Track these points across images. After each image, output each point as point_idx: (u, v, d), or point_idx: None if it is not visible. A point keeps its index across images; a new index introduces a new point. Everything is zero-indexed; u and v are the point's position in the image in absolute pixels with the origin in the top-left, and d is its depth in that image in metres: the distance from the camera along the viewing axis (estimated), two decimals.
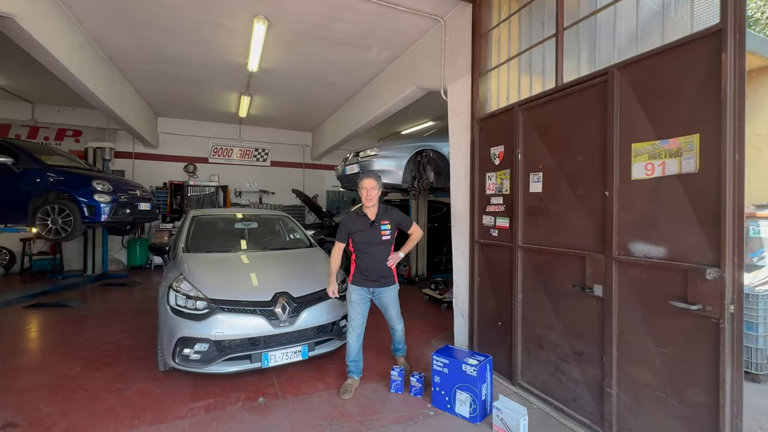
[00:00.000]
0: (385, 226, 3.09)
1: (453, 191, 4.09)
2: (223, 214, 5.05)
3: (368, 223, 3.07)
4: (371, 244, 3.08)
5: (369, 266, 3.08)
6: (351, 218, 3.12)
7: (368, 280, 3.11)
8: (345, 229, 3.12)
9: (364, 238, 3.07)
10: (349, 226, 3.10)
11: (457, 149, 4.01)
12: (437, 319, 5.28)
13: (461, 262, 3.95)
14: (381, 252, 3.11)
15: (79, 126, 8.98)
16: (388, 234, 3.11)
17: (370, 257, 3.08)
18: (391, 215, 3.16)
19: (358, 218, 3.10)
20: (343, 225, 3.13)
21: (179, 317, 3.08)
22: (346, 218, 3.14)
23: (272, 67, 5.94)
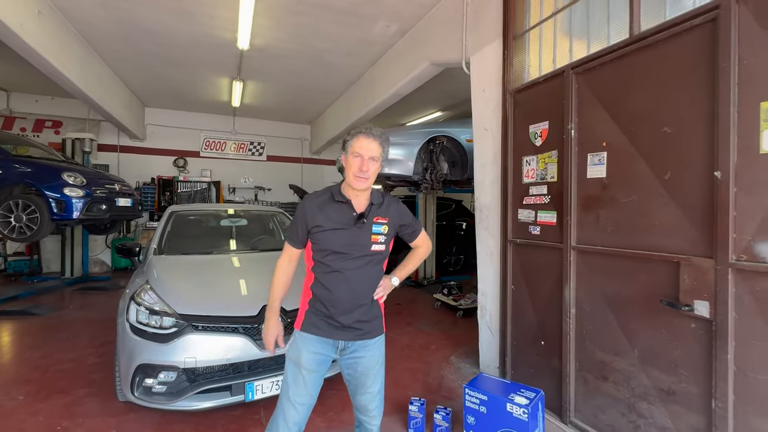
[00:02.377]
0: (379, 227, 1.66)
1: (478, 181, 3.43)
2: (207, 210, 4.38)
3: (351, 216, 1.63)
4: (350, 257, 1.62)
5: (340, 298, 1.62)
6: (317, 203, 1.65)
7: (335, 325, 1.64)
8: (303, 222, 1.64)
9: (338, 242, 1.61)
10: (312, 216, 1.63)
11: (483, 130, 3.35)
12: (453, 329, 4.62)
13: (488, 266, 3.29)
14: (366, 273, 1.66)
15: (59, 117, 8.30)
16: (383, 242, 1.67)
17: (344, 280, 1.61)
18: (393, 211, 1.73)
19: (331, 205, 1.65)
20: (300, 215, 1.66)
21: (140, 338, 2.42)
22: (309, 203, 1.66)
23: (265, 44, 5.27)
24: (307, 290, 1.70)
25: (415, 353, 3.85)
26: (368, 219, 1.65)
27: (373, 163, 1.60)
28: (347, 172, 1.61)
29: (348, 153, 1.62)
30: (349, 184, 1.62)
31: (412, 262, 1.92)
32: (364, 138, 1.60)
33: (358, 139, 1.61)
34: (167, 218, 3.79)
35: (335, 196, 1.65)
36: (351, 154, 1.61)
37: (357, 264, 1.63)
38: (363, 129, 1.62)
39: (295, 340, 1.70)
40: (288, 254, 1.74)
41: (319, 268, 1.65)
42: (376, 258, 1.68)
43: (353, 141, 1.62)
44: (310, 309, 1.68)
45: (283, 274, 1.75)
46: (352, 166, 1.59)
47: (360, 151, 1.58)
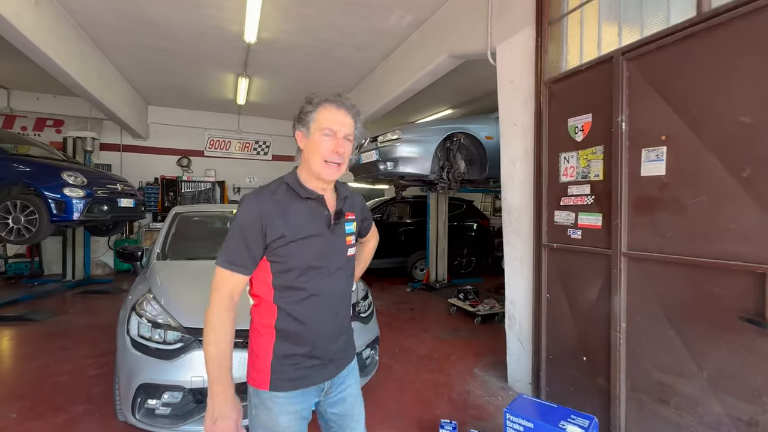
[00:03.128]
0: (351, 225, 1.33)
1: (505, 180, 3.18)
2: (213, 212, 4.15)
3: (323, 216, 1.23)
4: (328, 272, 1.23)
5: (321, 328, 1.23)
6: (273, 203, 1.17)
7: (316, 364, 1.23)
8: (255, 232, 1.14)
9: (312, 254, 1.20)
10: (271, 222, 1.15)
11: (511, 125, 3.10)
12: (473, 337, 4.37)
13: (518, 273, 3.04)
14: (345, 288, 1.30)
15: (60, 115, 8.11)
16: (353, 241, 1.34)
17: (324, 305, 1.22)
18: (357, 203, 1.40)
19: (294, 205, 1.20)
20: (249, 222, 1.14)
21: (141, 353, 2.18)
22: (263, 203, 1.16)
23: (273, 37, 5.03)
24: (268, 330, 1.20)
25: (435, 364, 3.60)
26: (343, 216, 1.27)
27: (348, 144, 1.20)
28: (311, 157, 1.17)
29: (310, 130, 1.17)
30: (316, 174, 1.18)
31: (366, 258, 1.62)
32: (334, 109, 1.17)
33: (327, 109, 1.17)
34: (171, 220, 3.56)
35: (299, 191, 1.19)
36: (318, 131, 1.16)
37: (336, 279, 1.23)
38: (331, 97, 1.18)
39: (264, 405, 1.19)
40: (229, 289, 1.13)
41: (287, 296, 1.17)
42: (351, 265, 1.31)
43: (319, 113, 1.17)
44: (277, 357, 1.18)
45: (226, 319, 1.14)
46: (321, 147, 1.15)
47: (332, 126, 1.16)
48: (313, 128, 1.17)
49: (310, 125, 1.17)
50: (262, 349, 1.21)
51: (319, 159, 1.16)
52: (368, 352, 2.77)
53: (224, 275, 1.13)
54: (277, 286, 1.17)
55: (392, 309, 5.57)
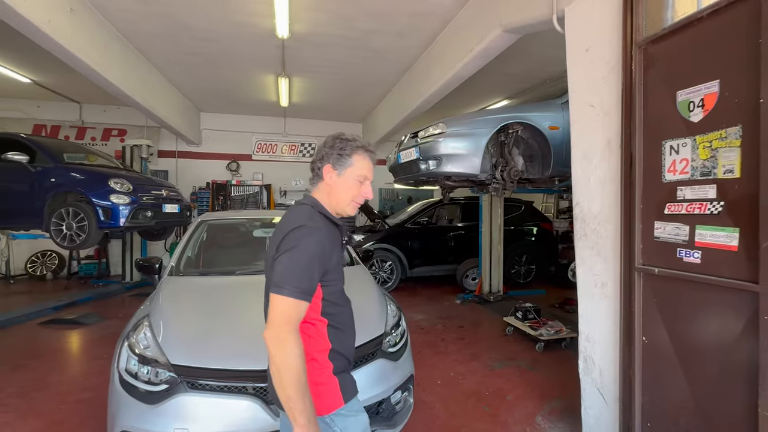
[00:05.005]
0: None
1: (577, 180, 2.45)
2: (239, 219, 3.87)
3: (340, 239, 1.33)
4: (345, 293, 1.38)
5: (353, 328, 1.38)
6: (327, 231, 1.25)
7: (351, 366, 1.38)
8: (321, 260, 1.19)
9: (342, 279, 1.33)
10: (330, 249, 1.23)
11: (587, 107, 2.36)
12: (534, 368, 3.62)
13: (596, 302, 2.30)
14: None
15: (123, 125, 8.62)
16: None
17: (350, 304, 1.38)
18: None
19: (331, 229, 1.29)
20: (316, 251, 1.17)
21: (126, 393, 1.86)
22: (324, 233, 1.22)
23: (306, 30, 4.68)
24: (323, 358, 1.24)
25: (486, 406, 2.95)
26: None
27: None
28: (340, 195, 1.31)
29: (345, 171, 1.30)
30: (340, 210, 1.33)
31: None
32: (368, 159, 1.33)
33: (364, 158, 1.32)
34: (193, 229, 3.32)
35: (335, 220, 1.33)
36: (353, 176, 1.30)
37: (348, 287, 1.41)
38: (367, 145, 1.34)
39: (346, 420, 1.26)
40: (298, 317, 1.14)
41: (333, 314, 1.28)
42: None
43: (356, 159, 1.30)
44: (337, 372, 1.27)
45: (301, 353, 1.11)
46: (353, 190, 1.32)
47: (370, 174, 1.34)
48: (349, 172, 1.29)
49: (346, 168, 1.29)
50: (324, 374, 1.24)
51: (349, 199, 1.31)
52: (399, 395, 2.23)
53: (296, 306, 1.12)
54: (325, 305, 1.25)
55: (438, 325, 4.96)
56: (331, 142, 1.31)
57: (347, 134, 1.33)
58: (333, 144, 1.30)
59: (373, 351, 2.17)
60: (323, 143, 1.34)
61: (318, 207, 1.29)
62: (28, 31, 3.33)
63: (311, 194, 1.35)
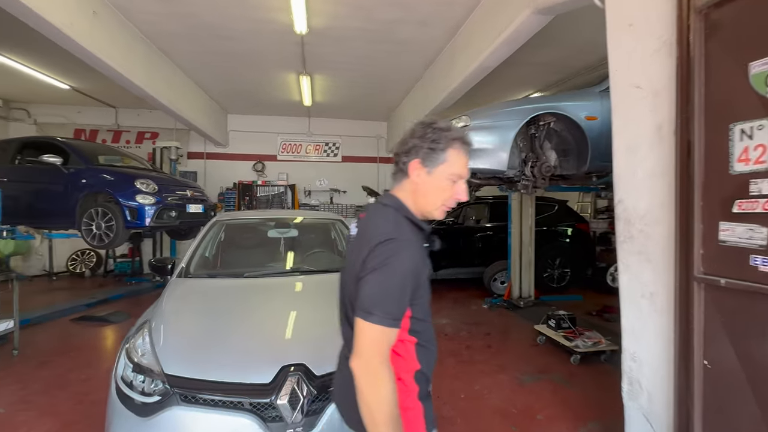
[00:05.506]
0: None
1: (621, 174, 2.13)
2: (254, 219, 3.77)
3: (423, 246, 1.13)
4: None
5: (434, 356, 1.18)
6: (417, 244, 1.06)
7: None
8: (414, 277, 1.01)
9: (429, 289, 1.12)
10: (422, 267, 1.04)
11: (632, 91, 2.04)
12: (568, 384, 3.29)
13: (644, 315, 1.98)
14: None
15: (156, 128, 8.91)
16: None
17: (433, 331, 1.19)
18: None
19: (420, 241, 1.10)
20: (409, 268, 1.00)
21: (121, 404, 1.76)
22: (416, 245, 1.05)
23: (324, 24, 4.55)
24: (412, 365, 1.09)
25: (513, 423, 2.67)
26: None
27: None
28: (428, 197, 1.09)
29: (436, 169, 1.06)
30: (426, 213, 1.11)
31: None
32: (466, 152, 1.09)
33: (460, 153, 1.07)
34: (207, 230, 3.24)
35: (421, 225, 1.10)
36: (446, 175, 1.06)
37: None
38: (463, 136, 1.09)
39: None
40: (389, 344, 0.99)
41: (420, 324, 1.10)
42: None
43: (451, 154, 1.06)
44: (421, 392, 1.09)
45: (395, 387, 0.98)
46: (446, 192, 1.09)
47: (464, 172, 1.09)
48: (441, 169, 1.06)
49: (437, 164, 1.06)
50: (410, 398, 1.07)
51: (439, 202, 1.09)
52: None
53: (387, 335, 0.97)
54: (414, 323, 1.08)
55: (463, 331, 4.68)
56: (421, 132, 1.07)
57: (440, 122, 1.08)
58: (424, 134, 1.06)
59: None
60: (411, 132, 1.10)
61: (402, 210, 1.08)
62: (50, 33, 3.38)
63: (392, 192, 1.13)
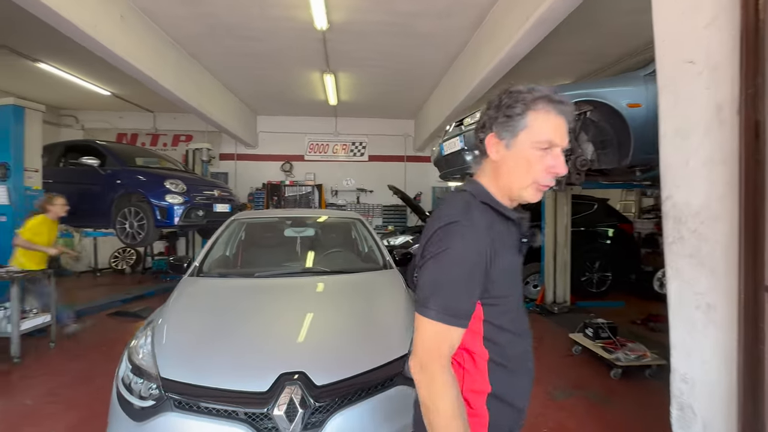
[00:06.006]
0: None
1: (669, 164, 1.83)
2: (270, 218, 3.72)
3: (516, 237, 0.94)
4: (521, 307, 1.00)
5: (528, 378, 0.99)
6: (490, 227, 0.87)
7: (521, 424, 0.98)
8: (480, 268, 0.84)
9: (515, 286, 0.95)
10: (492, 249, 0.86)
11: (684, 65, 1.74)
12: (607, 402, 2.95)
13: (700, 331, 1.67)
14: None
15: (190, 131, 9.24)
16: None
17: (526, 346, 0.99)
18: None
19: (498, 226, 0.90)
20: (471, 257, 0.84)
21: (119, 406, 1.71)
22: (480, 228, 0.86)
23: (344, 19, 4.45)
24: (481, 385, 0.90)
25: None
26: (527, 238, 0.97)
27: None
28: (514, 175, 0.90)
29: (517, 138, 0.88)
30: (516, 196, 0.93)
31: None
32: (555, 114, 0.87)
33: (546, 114, 0.86)
34: (223, 229, 3.21)
35: (504, 211, 0.92)
36: (529, 144, 0.87)
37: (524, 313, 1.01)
38: (550, 93, 0.87)
39: None
40: (449, 344, 0.84)
41: (499, 334, 0.91)
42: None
43: (533, 117, 0.86)
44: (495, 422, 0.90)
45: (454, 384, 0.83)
46: (535, 166, 0.88)
47: (554, 137, 0.87)
48: (523, 137, 0.88)
49: (518, 132, 0.88)
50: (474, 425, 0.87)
51: (528, 179, 0.89)
52: None
53: (446, 333, 0.83)
54: (489, 331, 0.91)
55: None
56: (496, 101, 0.91)
57: (521, 85, 0.90)
58: (499, 102, 0.90)
59: (392, 376, 1.79)
60: (487, 104, 0.94)
61: (481, 195, 0.92)
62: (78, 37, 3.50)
63: (475, 177, 0.98)
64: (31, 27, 3.32)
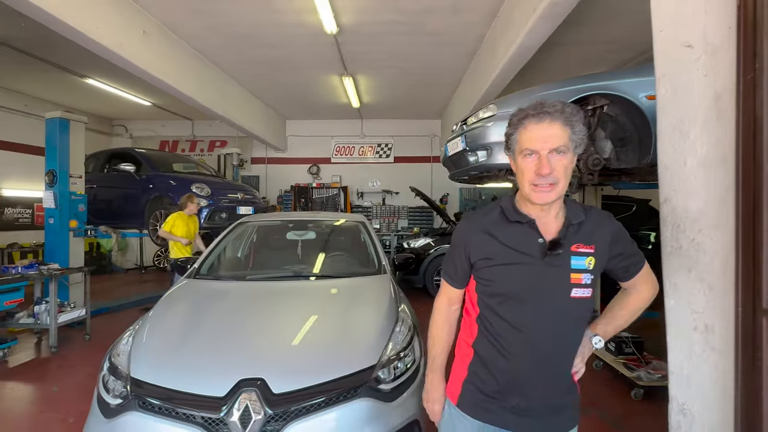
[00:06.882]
0: (582, 260, 1.06)
1: (666, 164, 1.60)
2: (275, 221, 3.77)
3: (537, 244, 1.07)
4: (538, 307, 1.07)
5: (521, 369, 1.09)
6: (483, 225, 1.14)
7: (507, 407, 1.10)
8: (461, 252, 1.16)
9: (517, 283, 1.08)
10: (475, 244, 1.13)
11: (682, 49, 1.52)
12: (623, 427, 2.68)
13: (698, 356, 1.45)
14: (563, 333, 1.09)
15: (224, 136, 9.72)
16: (589, 283, 1.06)
17: (526, 342, 1.08)
18: (603, 233, 1.10)
19: (504, 228, 1.11)
20: (457, 242, 1.19)
21: (96, 402, 1.80)
22: (469, 225, 1.18)
23: (353, 21, 4.44)
24: (467, 347, 1.20)
25: None
26: (565, 248, 1.06)
27: (559, 159, 1.00)
28: (520, 182, 1.08)
29: (515, 153, 1.08)
30: (527, 198, 1.07)
31: (627, 313, 1.23)
32: (534, 124, 1.02)
33: (527, 128, 1.03)
34: (228, 232, 3.31)
35: (509, 215, 1.12)
36: (520, 154, 1.06)
37: (547, 318, 1.07)
38: (531, 109, 1.03)
39: (449, 416, 1.22)
40: (447, 295, 1.28)
41: (488, 318, 1.13)
42: (580, 309, 1.09)
43: (521, 133, 1.05)
44: (469, 378, 1.17)
45: (442, 320, 1.28)
46: (525, 171, 1.04)
47: (532, 145, 1.02)
48: (517, 151, 1.08)
49: (515, 148, 1.09)
50: (460, 363, 1.22)
51: (526, 183, 1.06)
52: None
53: (443, 284, 1.28)
54: (481, 307, 1.16)
55: None
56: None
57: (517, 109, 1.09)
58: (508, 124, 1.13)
59: (356, 387, 1.73)
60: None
61: (504, 201, 1.16)
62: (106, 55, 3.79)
63: None
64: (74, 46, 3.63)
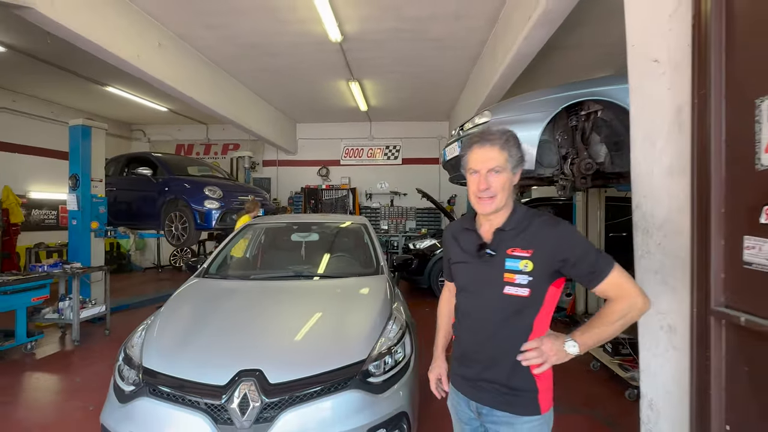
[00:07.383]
0: (515, 263, 1.22)
1: (639, 173, 1.69)
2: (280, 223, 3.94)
3: (474, 244, 1.31)
4: (479, 297, 1.30)
5: (466, 346, 1.35)
6: (453, 231, 1.44)
7: (464, 377, 1.35)
8: (444, 250, 1.51)
9: (464, 278, 1.36)
10: (447, 245, 1.46)
11: (650, 64, 1.60)
12: (615, 425, 2.74)
13: (663, 354, 1.54)
14: (501, 323, 1.24)
15: (237, 140, 10.00)
16: (524, 283, 1.20)
17: (470, 325, 1.33)
18: (542, 238, 1.22)
19: (463, 234, 1.38)
20: (443, 241, 1.56)
21: (112, 388, 1.99)
22: (447, 231, 1.50)
23: (357, 29, 4.58)
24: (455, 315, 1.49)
25: None
26: (497, 251, 1.26)
27: (496, 177, 1.21)
28: (468, 195, 1.33)
29: (465, 170, 1.30)
30: (473, 203, 1.31)
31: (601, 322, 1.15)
32: (478, 148, 1.25)
33: (473, 151, 1.26)
34: (236, 233, 3.50)
35: (465, 223, 1.40)
36: (467, 172, 1.29)
37: (487, 308, 1.29)
38: (476, 137, 1.27)
39: (450, 391, 1.45)
40: (447, 287, 1.60)
41: (457, 306, 1.43)
42: (515, 305, 1.23)
43: (468, 156, 1.28)
44: (453, 354, 1.44)
45: (444, 309, 1.58)
46: (470, 186, 1.28)
47: (475, 165, 1.24)
48: (466, 169, 1.28)
49: (465, 167, 1.28)
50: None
51: (473, 197, 1.27)
52: None
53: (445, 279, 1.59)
54: (456, 297, 1.43)
55: None
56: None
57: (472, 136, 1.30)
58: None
59: (346, 379, 1.86)
60: None
61: (470, 213, 1.40)
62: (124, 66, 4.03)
63: None
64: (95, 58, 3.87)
